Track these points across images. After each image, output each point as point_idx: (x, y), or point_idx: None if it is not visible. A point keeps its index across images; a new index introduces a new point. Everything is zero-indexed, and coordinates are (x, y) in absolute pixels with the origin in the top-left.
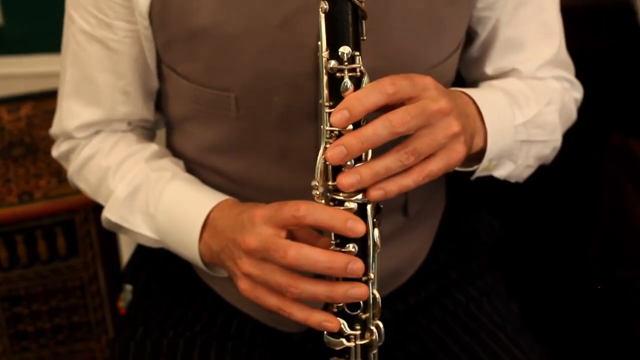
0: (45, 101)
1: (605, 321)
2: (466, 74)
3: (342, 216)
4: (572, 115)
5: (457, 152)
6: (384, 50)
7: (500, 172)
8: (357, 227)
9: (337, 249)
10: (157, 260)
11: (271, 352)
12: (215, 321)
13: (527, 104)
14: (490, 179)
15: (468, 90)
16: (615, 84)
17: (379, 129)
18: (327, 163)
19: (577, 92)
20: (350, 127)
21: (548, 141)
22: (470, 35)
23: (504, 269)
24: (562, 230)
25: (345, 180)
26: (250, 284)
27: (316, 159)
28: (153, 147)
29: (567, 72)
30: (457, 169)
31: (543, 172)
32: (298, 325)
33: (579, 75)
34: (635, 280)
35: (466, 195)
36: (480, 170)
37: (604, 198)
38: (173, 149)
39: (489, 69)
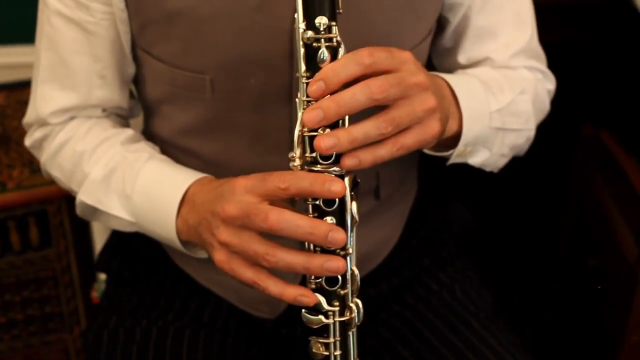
0: (17, 91)
1: (575, 309)
2: (439, 64)
3: (320, 179)
4: (546, 106)
5: (432, 128)
6: (359, 32)
7: (475, 160)
8: (335, 186)
9: None
10: (130, 248)
11: (244, 339)
12: (187, 309)
13: (501, 92)
14: (463, 168)
15: (443, 75)
16: (586, 76)
17: (357, 94)
18: (304, 133)
19: (549, 83)
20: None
21: (522, 130)
22: (441, 24)
23: (475, 258)
24: (533, 220)
25: (323, 142)
26: (227, 255)
27: (293, 134)
28: (128, 131)
29: (540, 62)
30: (432, 153)
31: (514, 163)
32: (270, 310)
33: (551, 67)
34: (605, 269)
35: (439, 185)
36: (456, 155)
37: (574, 188)
38: (149, 133)
39: (462, 59)
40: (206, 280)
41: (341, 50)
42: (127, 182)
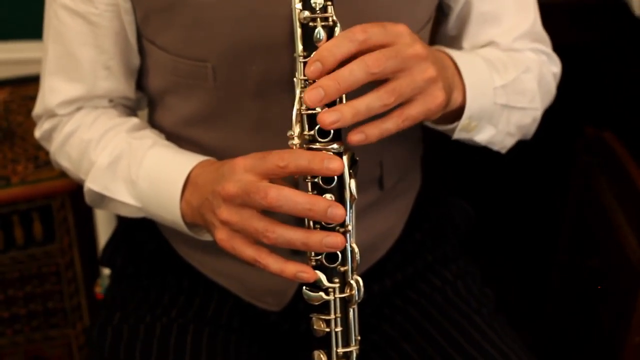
0: (22, 87)
1: (575, 310)
2: None
3: (319, 157)
4: (551, 88)
5: (436, 97)
6: (357, 18)
7: (481, 137)
8: (333, 164)
9: None
10: (134, 243)
11: (248, 334)
12: (191, 305)
13: (505, 70)
14: (465, 166)
15: (444, 48)
16: (589, 76)
17: (355, 70)
18: (302, 112)
19: (555, 66)
20: None
21: (528, 109)
22: (444, 11)
23: (475, 256)
24: (534, 221)
25: (327, 117)
26: (228, 233)
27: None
28: (134, 120)
29: (544, 45)
30: (436, 126)
31: (517, 163)
32: (275, 301)
33: None
34: (606, 270)
35: (442, 182)
36: (460, 128)
37: (577, 189)
38: (154, 125)
39: (466, 45)
40: (211, 271)
41: (337, 30)
42: (132, 168)
